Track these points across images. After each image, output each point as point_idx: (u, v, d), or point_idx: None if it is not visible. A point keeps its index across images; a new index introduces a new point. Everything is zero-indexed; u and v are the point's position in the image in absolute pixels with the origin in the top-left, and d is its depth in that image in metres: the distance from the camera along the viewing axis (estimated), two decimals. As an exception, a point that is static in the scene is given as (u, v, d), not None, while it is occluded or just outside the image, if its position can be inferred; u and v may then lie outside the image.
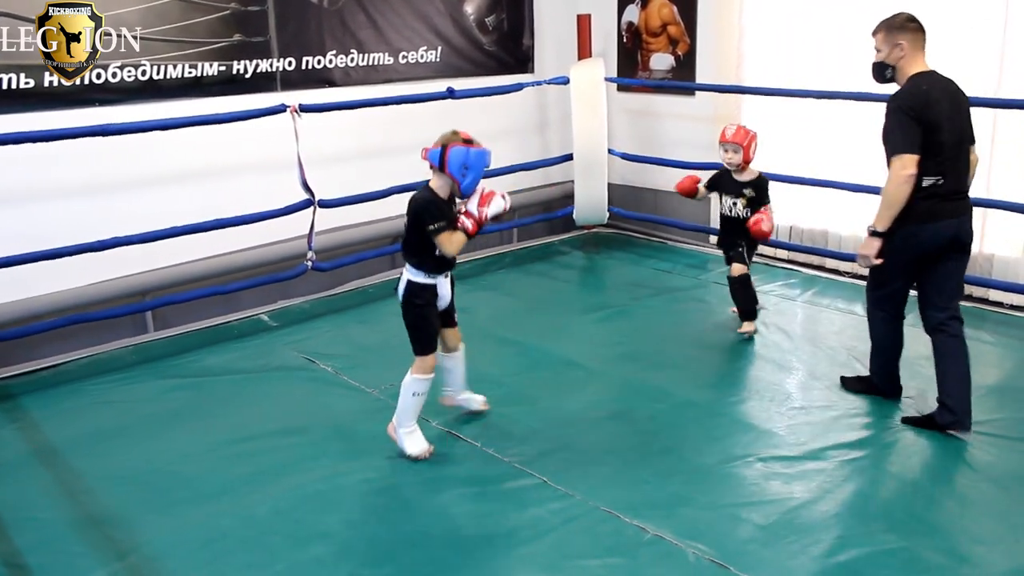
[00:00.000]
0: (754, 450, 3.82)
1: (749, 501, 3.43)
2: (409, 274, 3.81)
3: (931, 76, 3.79)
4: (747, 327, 5.16)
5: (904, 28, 3.77)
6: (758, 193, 5.06)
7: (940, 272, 3.88)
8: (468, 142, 3.78)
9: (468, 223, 3.78)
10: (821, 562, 3.06)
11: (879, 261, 3.82)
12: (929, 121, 3.66)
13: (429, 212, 3.71)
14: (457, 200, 3.85)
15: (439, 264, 3.82)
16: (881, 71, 3.88)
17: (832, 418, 4.11)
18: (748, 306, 5.17)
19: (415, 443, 3.83)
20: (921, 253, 3.82)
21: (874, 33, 3.88)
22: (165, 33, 5.33)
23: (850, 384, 4.39)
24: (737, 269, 5.13)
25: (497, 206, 3.86)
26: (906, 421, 4.03)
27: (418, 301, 3.81)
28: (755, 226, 4.89)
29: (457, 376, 4.18)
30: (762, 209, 4.97)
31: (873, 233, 3.78)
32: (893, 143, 3.69)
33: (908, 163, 3.63)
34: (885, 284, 3.99)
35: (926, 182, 3.70)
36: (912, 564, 3.03)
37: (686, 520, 3.32)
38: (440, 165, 3.75)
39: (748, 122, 6.69)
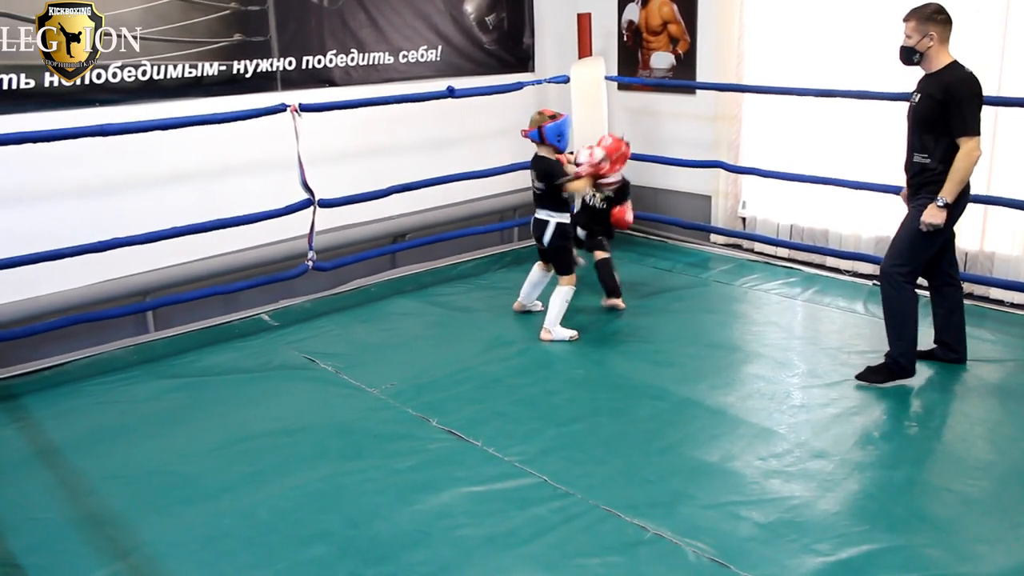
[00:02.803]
0: (754, 448, 3.83)
1: (749, 499, 3.44)
2: (556, 218, 5.10)
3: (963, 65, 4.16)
4: (614, 301, 5.66)
5: (935, 19, 4.11)
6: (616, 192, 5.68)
7: (953, 236, 4.44)
8: (553, 117, 5.10)
9: (581, 171, 5.15)
10: (821, 560, 3.06)
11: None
12: (981, 105, 4.11)
13: (557, 170, 5.05)
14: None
15: (568, 205, 5.17)
16: (909, 55, 4.21)
17: (832, 416, 4.11)
18: (612, 284, 5.67)
19: (566, 331, 5.11)
20: (957, 219, 4.31)
21: (905, 19, 4.19)
22: (165, 33, 5.33)
23: (871, 378, 4.41)
24: (599, 255, 5.70)
25: (597, 156, 5.19)
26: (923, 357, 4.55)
27: (567, 233, 5.14)
28: (618, 215, 5.64)
29: (539, 289, 5.49)
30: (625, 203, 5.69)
31: (944, 205, 4.12)
32: (967, 125, 4.05)
33: (978, 144, 4.08)
34: (929, 250, 4.29)
35: None
36: (913, 562, 3.04)
37: (686, 519, 3.32)
38: (540, 139, 5.07)
39: (748, 121, 6.73)
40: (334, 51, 6.19)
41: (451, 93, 6.30)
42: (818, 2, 6.14)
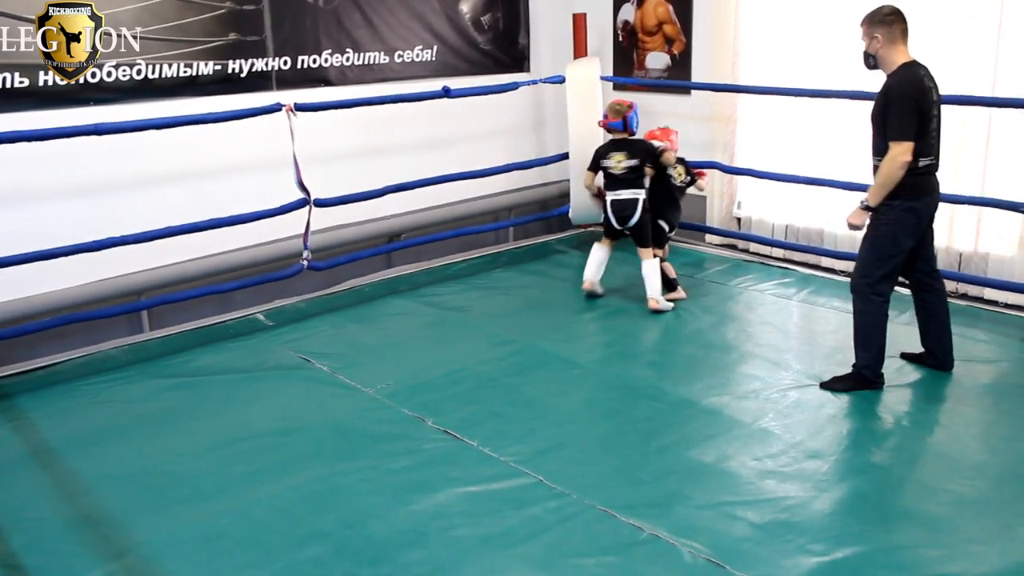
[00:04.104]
0: (750, 449, 3.83)
1: (745, 500, 3.44)
2: (643, 195, 5.54)
3: (919, 66, 4.12)
4: (676, 295, 5.77)
5: (882, 21, 4.09)
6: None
7: (926, 241, 4.35)
8: (630, 106, 5.64)
9: (674, 143, 5.72)
10: (817, 560, 3.06)
11: (863, 230, 4.24)
12: (926, 108, 4.03)
13: (654, 146, 5.58)
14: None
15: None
16: (866, 60, 4.23)
17: (827, 416, 4.12)
18: (669, 276, 5.80)
19: (668, 302, 5.56)
20: (921, 225, 4.22)
21: (860, 25, 4.21)
22: (160, 32, 5.32)
23: (835, 385, 4.40)
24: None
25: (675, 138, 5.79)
26: (905, 356, 4.63)
27: (648, 207, 5.58)
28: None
29: (604, 268, 5.82)
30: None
31: (866, 208, 4.16)
32: (894, 129, 4.00)
33: (906, 150, 3.98)
34: (892, 259, 4.22)
35: (923, 162, 4.07)
36: (907, 562, 3.04)
37: (682, 519, 3.32)
38: (624, 128, 5.59)
39: (744, 121, 6.74)
40: (329, 51, 6.18)
41: (446, 93, 6.29)
42: (813, 2, 6.15)
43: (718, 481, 3.59)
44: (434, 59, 6.81)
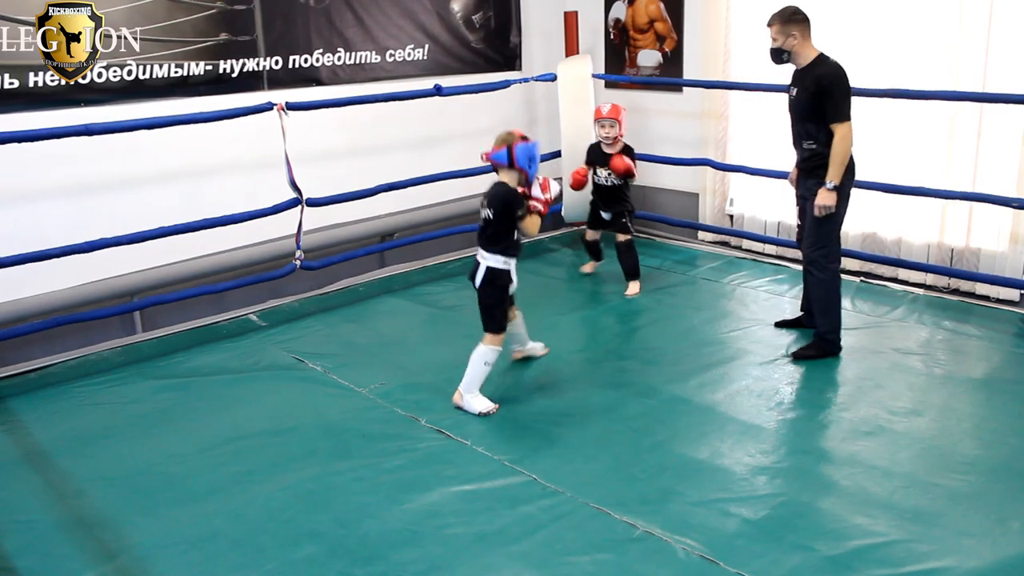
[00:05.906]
0: (743, 445, 3.84)
1: (738, 496, 3.45)
2: (489, 261, 4.20)
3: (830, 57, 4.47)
4: (633, 288, 5.79)
5: (794, 19, 4.44)
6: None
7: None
8: (524, 138, 4.20)
9: (540, 207, 4.24)
10: (810, 556, 3.07)
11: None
12: (850, 92, 4.42)
13: (517, 201, 4.16)
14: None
15: (516, 249, 4.25)
16: (779, 56, 4.56)
17: (820, 412, 4.14)
18: (629, 266, 5.82)
19: (482, 403, 4.23)
20: (848, 201, 4.57)
21: (769, 24, 4.51)
22: (151, 32, 5.31)
23: (804, 353, 4.73)
24: (621, 237, 5.82)
25: (554, 190, 4.34)
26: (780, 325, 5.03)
27: (498, 283, 4.21)
28: (615, 161, 5.68)
29: (522, 336, 4.71)
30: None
31: (834, 188, 4.45)
32: (839, 111, 4.36)
33: (851, 128, 4.39)
34: (836, 230, 4.59)
35: None
36: (900, 557, 3.05)
37: (675, 515, 3.33)
38: (509, 162, 4.15)
39: (735, 118, 6.75)
40: (320, 50, 6.17)
41: (438, 92, 6.29)
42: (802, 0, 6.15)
43: (711, 478, 3.60)
44: (426, 58, 6.80)
